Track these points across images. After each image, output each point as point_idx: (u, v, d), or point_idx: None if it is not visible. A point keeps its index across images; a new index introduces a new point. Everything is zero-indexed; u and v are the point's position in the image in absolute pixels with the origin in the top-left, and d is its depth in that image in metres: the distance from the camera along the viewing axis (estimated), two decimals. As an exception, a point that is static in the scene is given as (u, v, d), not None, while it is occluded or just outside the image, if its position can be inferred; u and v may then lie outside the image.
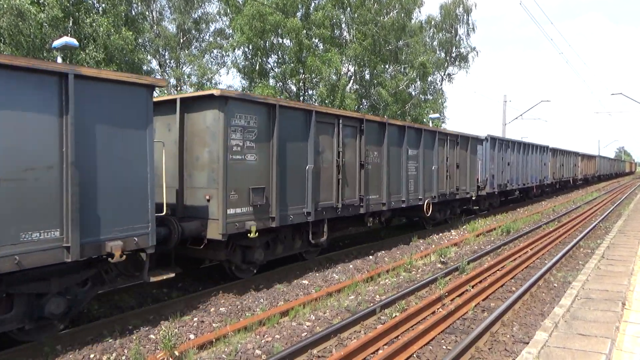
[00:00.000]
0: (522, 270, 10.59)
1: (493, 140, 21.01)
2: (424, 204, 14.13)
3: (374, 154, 11.93)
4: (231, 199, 8.08)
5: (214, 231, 8.00)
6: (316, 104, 26.14)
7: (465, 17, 38.19)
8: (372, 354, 5.94)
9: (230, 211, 8.07)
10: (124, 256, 6.35)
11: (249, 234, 8.35)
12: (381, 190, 12.18)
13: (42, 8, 17.64)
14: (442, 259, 11.43)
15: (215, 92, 7.98)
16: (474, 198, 18.24)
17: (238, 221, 8.22)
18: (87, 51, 19.08)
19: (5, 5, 16.35)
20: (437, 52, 38.17)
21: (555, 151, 32.78)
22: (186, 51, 32.20)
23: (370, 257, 11.92)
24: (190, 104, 8.45)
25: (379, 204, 12.14)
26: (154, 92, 7.02)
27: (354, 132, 11.21)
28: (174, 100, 8.56)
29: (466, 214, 19.96)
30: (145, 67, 26.80)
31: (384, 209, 12.34)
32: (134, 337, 6.47)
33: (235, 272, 9.07)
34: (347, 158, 10.92)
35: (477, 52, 39.27)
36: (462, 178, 16.87)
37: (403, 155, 13.15)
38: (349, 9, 28.23)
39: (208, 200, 8.06)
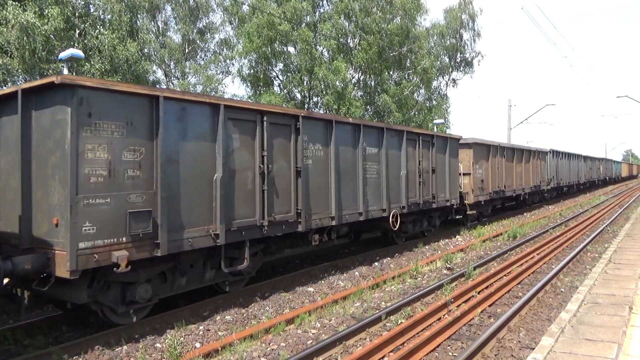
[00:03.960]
0: (529, 275, 10.54)
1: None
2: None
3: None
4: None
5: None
6: (321, 111, 26.27)
7: (470, 23, 38.22)
8: (377, 361, 5.93)
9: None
10: None
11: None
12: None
13: (46, 20, 17.89)
14: (448, 265, 11.41)
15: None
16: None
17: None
18: (92, 62, 19.30)
19: (14, 21, 16.60)
20: (442, 57, 38.18)
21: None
22: (192, 61, 32.47)
23: (376, 263, 11.91)
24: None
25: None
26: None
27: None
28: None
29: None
30: (151, 78, 27.07)
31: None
32: (141, 346, 6.50)
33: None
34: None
35: (482, 56, 39.27)
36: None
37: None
38: (354, 17, 28.40)
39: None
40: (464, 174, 17.42)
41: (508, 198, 23.18)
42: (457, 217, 17.07)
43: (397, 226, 12.44)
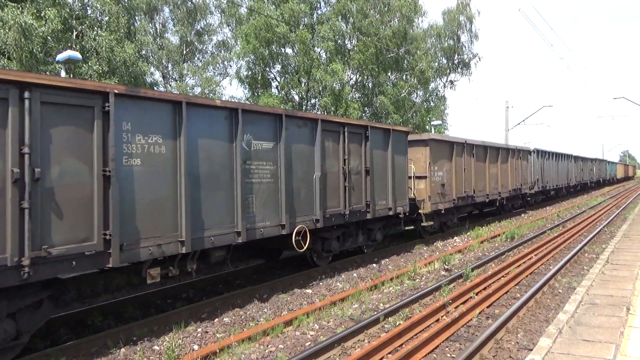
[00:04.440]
0: (527, 276, 10.55)
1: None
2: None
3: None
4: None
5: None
6: (318, 112, 26.31)
7: (468, 24, 38.32)
8: (375, 362, 5.93)
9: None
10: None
11: None
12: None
13: (44, 22, 17.88)
14: (446, 266, 11.42)
15: None
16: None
17: None
18: (89, 64, 19.29)
19: (12, 22, 16.59)
20: (439, 58, 38.26)
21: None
22: (190, 63, 32.49)
23: (374, 265, 11.91)
24: None
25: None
26: None
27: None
28: None
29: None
30: (148, 79, 27.07)
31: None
32: (138, 348, 6.49)
33: None
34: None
35: (479, 58, 39.36)
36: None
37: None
38: (351, 19, 28.47)
39: None
40: (418, 177, 14.76)
41: (480, 204, 20.25)
42: (407, 228, 14.61)
43: (306, 246, 9.55)
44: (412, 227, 14.84)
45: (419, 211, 14.36)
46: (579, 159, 38.89)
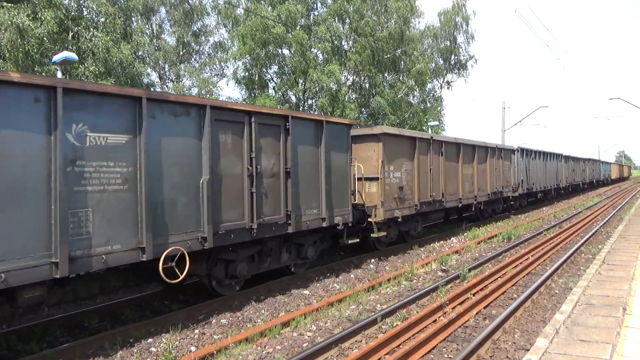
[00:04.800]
0: (524, 277, 10.58)
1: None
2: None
3: None
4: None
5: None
6: (315, 113, 26.33)
7: (464, 25, 38.46)
8: (373, 363, 5.93)
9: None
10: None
11: None
12: None
13: (40, 23, 17.84)
14: (443, 267, 11.43)
15: None
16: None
17: None
18: (85, 65, 19.26)
19: (8, 22, 16.54)
20: (437, 59, 38.38)
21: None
22: (186, 64, 32.44)
23: (371, 266, 11.91)
24: None
25: None
26: None
27: None
28: None
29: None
30: (145, 80, 27.02)
31: None
32: (135, 350, 6.47)
33: None
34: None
35: (475, 60, 39.51)
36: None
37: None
38: (348, 20, 28.51)
39: None
40: (369, 179, 12.47)
41: (453, 210, 18.11)
42: (351, 241, 11.75)
43: (184, 274, 7.16)
44: (358, 239, 12.15)
45: (369, 219, 12.06)
46: (570, 158, 36.77)
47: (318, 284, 10.05)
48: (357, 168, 11.82)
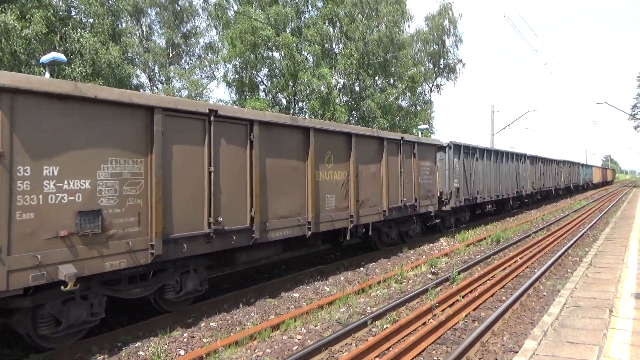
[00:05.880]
0: (512, 279, 10.65)
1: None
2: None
3: None
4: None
5: None
6: (306, 116, 26.30)
7: (451, 29, 38.75)
8: (363, 366, 5.93)
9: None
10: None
11: None
12: None
13: (27, 24, 17.64)
14: (433, 270, 11.47)
15: None
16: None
17: None
18: (72, 66, 19.07)
19: None
20: (425, 63, 38.62)
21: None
22: (176, 66, 32.29)
23: (362, 268, 11.92)
24: None
25: None
26: None
27: None
28: None
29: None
30: (134, 82, 26.84)
31: None
32: (123, 354, 6.40)
33: None
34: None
35: (463, 64, 39.82)
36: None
37: None
38: (338, 23, 28.56)
39: None
40: None
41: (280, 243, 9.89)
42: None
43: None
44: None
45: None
46: (538, 160, 30.70)
47: (308, 287, 10.03)
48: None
